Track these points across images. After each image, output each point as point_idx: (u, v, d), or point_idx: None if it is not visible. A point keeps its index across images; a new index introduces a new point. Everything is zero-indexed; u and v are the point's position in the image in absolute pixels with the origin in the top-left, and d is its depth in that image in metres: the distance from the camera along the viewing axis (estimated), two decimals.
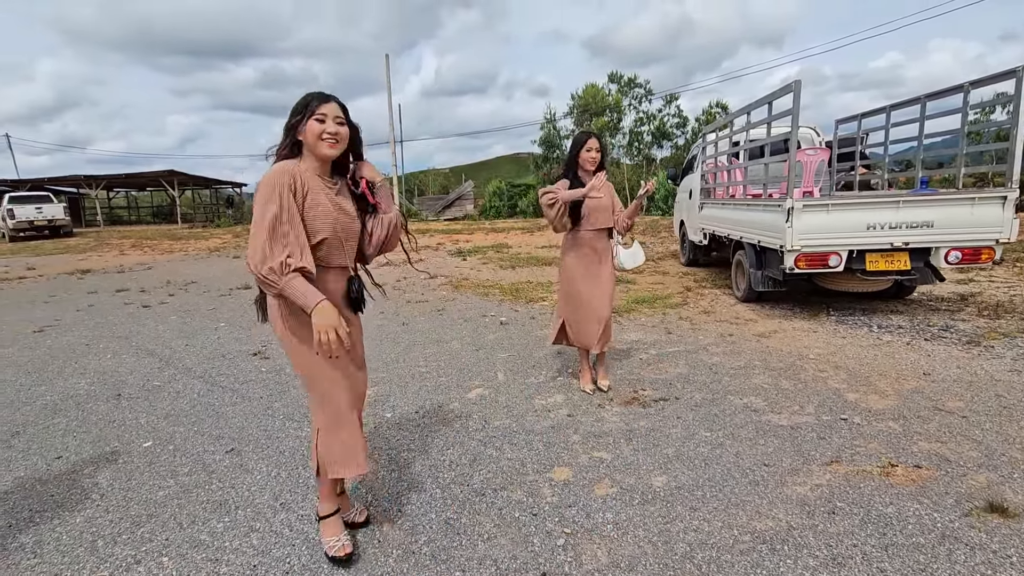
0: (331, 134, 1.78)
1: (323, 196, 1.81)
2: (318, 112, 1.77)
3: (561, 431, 2.90)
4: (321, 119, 1.77)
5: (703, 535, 2.02)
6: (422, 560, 1.93)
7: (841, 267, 4.66)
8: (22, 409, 3.45)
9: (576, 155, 3.25)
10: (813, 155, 5.98)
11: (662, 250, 10.52)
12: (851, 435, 2.76)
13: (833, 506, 2.16)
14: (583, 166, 3.24)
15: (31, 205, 19.66)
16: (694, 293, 6.38)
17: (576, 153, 3.25)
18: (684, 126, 31.59)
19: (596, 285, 3.32)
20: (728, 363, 3.90)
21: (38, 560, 1.99)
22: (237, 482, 2.48)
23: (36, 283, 9.07)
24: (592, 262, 3.31)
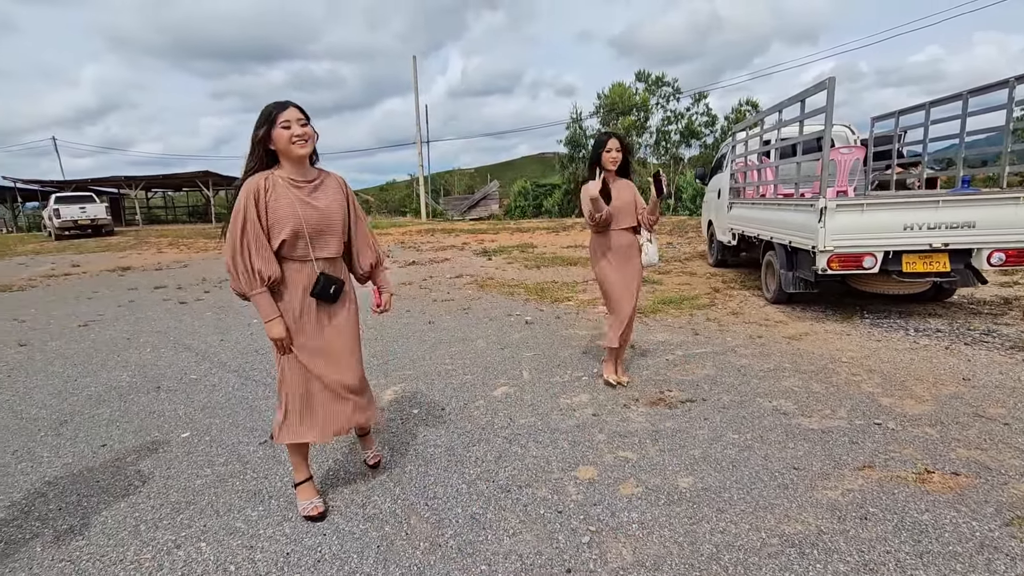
0: (299, 136, 1.96)
1: (288, 197, 1.99)
2: (282, 120, 1.95)
3: (586, 430, 2.91)
4: (287, 125, 1.95)
5: (730, 537, 2.00)
6: (448, 552, 1.96)
7: (876, 268, 4.54)
8: (69, 399, 3.61)
9: (598, 156, 3.30)
10: (847, 154, 5.83)
11: (689, 250, 10.38)
12: (885, 440, 2.69)
13: (865, 512, 2.12)
14: (605, 167, 3.29)
15: (75, 205, 20.47)
16: (722, 294, 6.29)
17: (598, 154, 3.30)
18: (713, 125, 31.06)
19: (625, 283, 3.40)
20: (757, 365, 3.84)
21: (86, 542, 2.09)
22: (270, 473, 2.56)
23: (80, 280, 9.46)
24: (621, 260, 3.39)
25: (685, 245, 11.23)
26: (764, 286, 6.05)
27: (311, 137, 2.00)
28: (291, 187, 2.01)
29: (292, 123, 1.95)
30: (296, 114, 1.97)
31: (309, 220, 2.01)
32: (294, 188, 2.02)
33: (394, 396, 3.50)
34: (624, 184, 3.40)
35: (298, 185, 2.03)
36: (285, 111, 1.96)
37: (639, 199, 3.40)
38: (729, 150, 7.79)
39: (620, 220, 3.35)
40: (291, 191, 2.01)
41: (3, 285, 8.94)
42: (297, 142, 1.96)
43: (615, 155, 3.27)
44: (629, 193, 3.37)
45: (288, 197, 1.99)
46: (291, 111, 1.96)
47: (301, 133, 1.96)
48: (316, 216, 2.03)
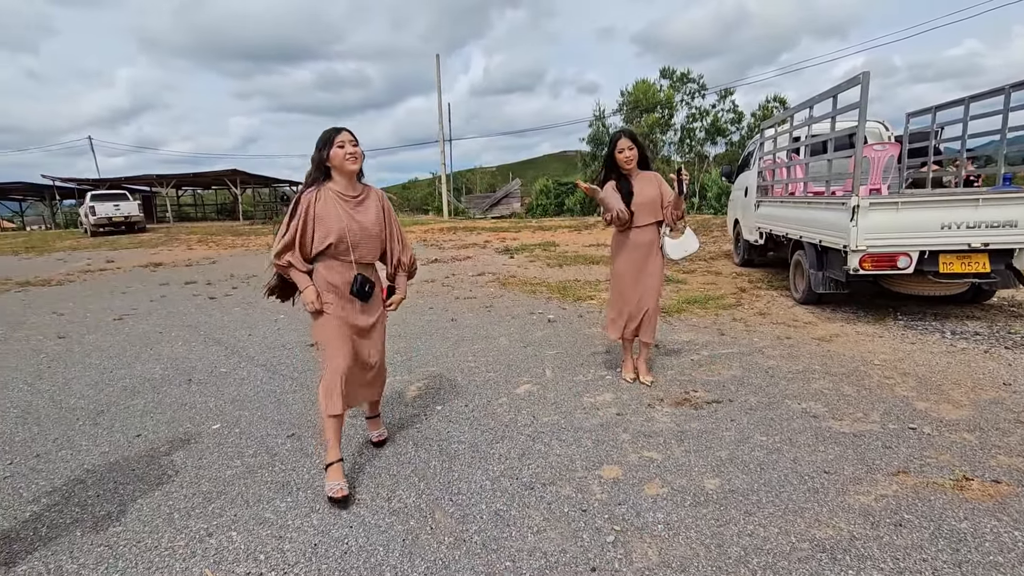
0: (351, 154, 2.37)
1: (335, 207, 2.37)
2: (338, 141, 2.36)
3: (610, 429, 2.89)
4: (341, 145, 2.36)
5: (758, 540, 1.96)
6: (473, 548, 1.97)
7: (911, 269, 4.41)
8: (105, 390, 3.73)
9: (611, 157, 3.30)
10: (881, 151, 5.67)
11: (715, 249, 10.23)
12: (920, 445, 2.61)
13: (900, 518, 2.06)
14: (621, 166, 3.28)
15: (110, 203, 21.11)
16: (749, 294, 6.18)
17: (611, 155, 3.30)
18: (739, 122, 30.53)
19: (642, 278, 3.39)
20: (785, 367, 3.76)
21: (123, 528, 2.15)
22: (298, 465, 2.61)
23: (115, 275, 9.76)
24: (641, 255, 3.38)
25: (710, 244, 11.07)
26: (792, 286, 5.93)
27: (360, 156, 2.41)
28: (340, 200, 2.39)
29: (346, 143, 2.36)
30: (348, 137, 2.39)
31: (352, 231, 2.40)
32: (342, 201, 2.40)
33: (417, 392, 3.52)
34: (647, 178, 3.35)
35: (346, 199, 2.41)
36: (340, 134, 2.37)
37: (665, 191, 3.34)
38: (757, 147, 7.64)
39: (642, 217, 3.32)
40: (340, 204, 2.39)
41: (43, 280, 9.28)
42: (349, 159, 2.36)
43: (628, 154, 3.25)
44: (653, 188, 3.32)
45: (336, 209, 2.37)
46: (345, 134, 2.38)
47: (353, 152, 2.37)
48: (357, 228, 2.41)
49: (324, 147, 2.36)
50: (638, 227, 3.34)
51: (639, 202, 3.27)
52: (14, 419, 3.27)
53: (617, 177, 3.32)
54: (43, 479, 2.55)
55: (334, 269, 2.42)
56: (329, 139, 2.36)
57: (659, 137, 29.76)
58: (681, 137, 31.00)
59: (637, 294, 3.41)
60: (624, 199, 3.27)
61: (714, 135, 30.79)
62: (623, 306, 3.47)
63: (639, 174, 3.34)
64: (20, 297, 7.61)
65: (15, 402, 3.55)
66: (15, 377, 4.06)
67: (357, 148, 2.38)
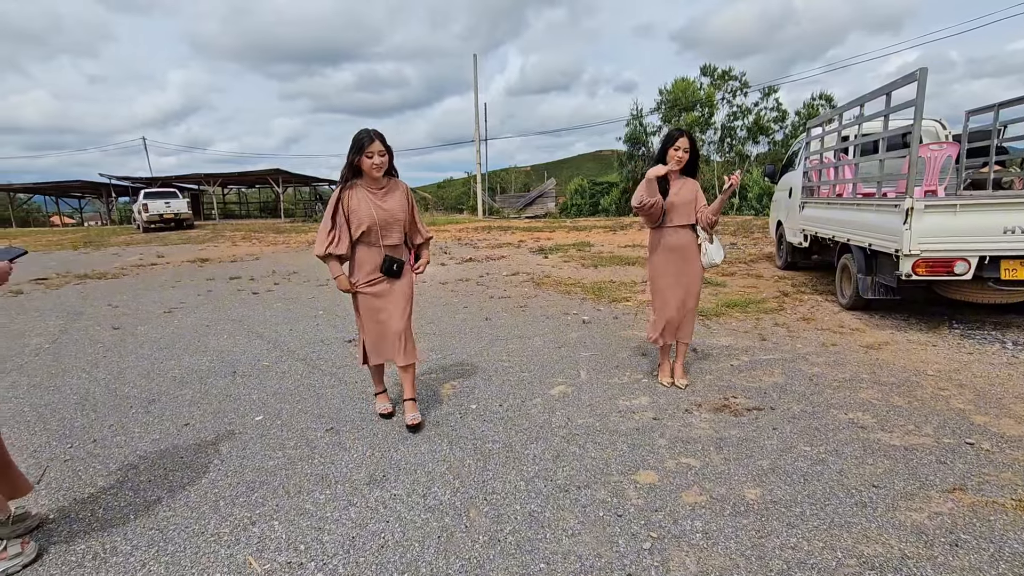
0: (376, 165, 2.76)
1: (366, 201, 2.80)
2: (367, 150, 2.72)
3: (646, 434, 2.84)
4: (370, 155, 2.73)
5: (802, 554, 1.90)
6: (507, 548, 1.97)
7: (969, 275, 4.18)
8: (156, 380, 3.90)
9: (664, 152, 3.27)
10: (938, 150, 5.39)
11: (755, 252, 9.95)
12: (978, 462, 2.47)
13: (956, 538, 1.96)
14: (670, 164, 3.24)
15: (161, 200, 22.09)
16: (792, 298, 5.99)
17: (664, 150, 3.27)
18: (783, 120, 29.61)
19: (679, 281, 3.37)
20: (831, 374, 3.63)
21: (171, 513, 2.25)
22: (336, 459, 2.66)
23: (164, 270, 10.20)
24: (676, 258, 3.36)
25: (751, 246, 10.78)
26: (839, 291, 5.71)
27: (384, 165, 2.79)
28: (368, 193, 2.83)
29: (374, 154, 2.73)
30: (379, 147, 2.73)
31: (381, 218, 2.82)
32: (370, 193, 2.83)
33: (452, 391, 3.55)
34: (686, 182, 3.35)
35: (373, 192, 2.84)
36: (371, 144, 2.71)
37: (700, 198, 3.34)
38: (803, 146, 7.39)
39: (674, 217, 3.31)
40: (369, 196, 2.82)
41: (99, 273, 9.78)
42: (373, 169, 2.76)
43: (682, 155, 3.23)
44: (690, 191, 3.32)
45: (366, 201, 2.81)
46: (375, 144, 2.72)
47: (379, 163, 2.76)
48: (384, 215, 2.84)
49: (356, 154, 2.73)
50: (672, 227, 3.33)
51: (674, 201, 3.27)
52: (73, 405, 3.45)
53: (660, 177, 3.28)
54: (99, 463, 2.69)
55: (367, 253, 2.87)
56: (361, 147, 2.72)
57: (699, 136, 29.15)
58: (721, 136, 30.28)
59: (678, 296, 3.37)
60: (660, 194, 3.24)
61: (756, 134, 29.95)
62: (664, 308, 3.43)
63: (679, 178, 3.33)
64: (79, 289, 8.04)
65: (74, 389, 3.75)
66: (75, 365, 4.28)
67: (384, 159, 2.76)
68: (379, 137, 2.74)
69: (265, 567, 1.91)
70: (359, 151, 2.72)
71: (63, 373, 4.10)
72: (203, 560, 1.95)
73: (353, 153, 2.74)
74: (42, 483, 2.50)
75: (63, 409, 3.39)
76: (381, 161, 2.75)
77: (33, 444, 2.91)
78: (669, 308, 3.40)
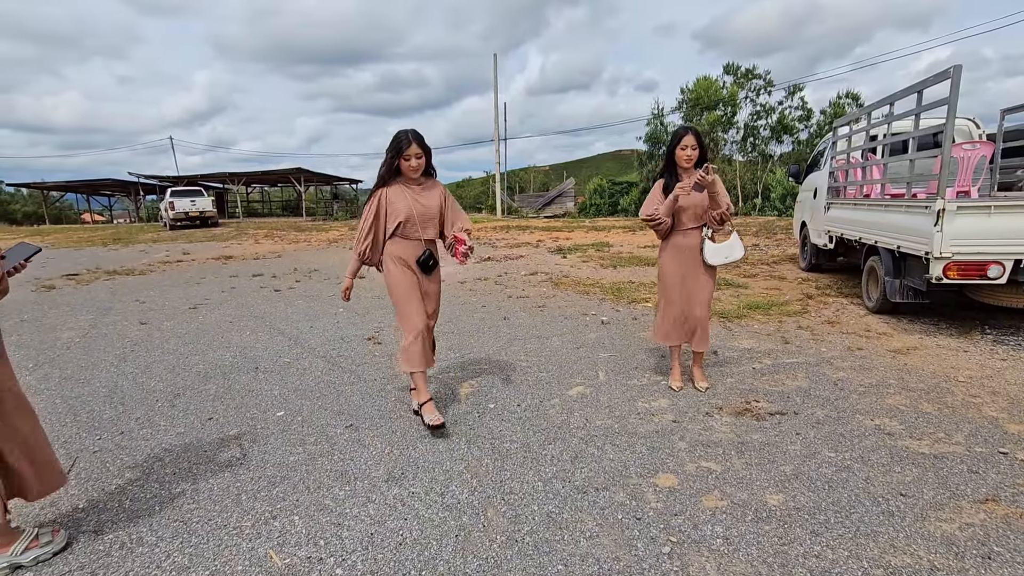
0: (413, 168, 2.85)
1: (403, 196, 2.89)
2: (405, 154, 2.81)
3: (666, 437, 2.81)
4: (407, 158, 2.82)
5: (826, 563, 1.86)
6: (525, 549, 1.97)
7: (1004, 279, 4.05)
8: (181, 375, 3.98)
9: (672, 152, 3.19)
10: (971, 150, 5.24)
11: (778, 253, 9.78)
12: (1012, 472, 2.39)
13: (988, 550, 1.89)
14: (680, 164, 3.16)
15: (187, 199, 22.58)
16: (816, 301, 5.87)
17: (672, 150, 3.19)
18: (808, 119, 29.02)
19: (689, 283, 3.29)
20: (856, 379, 3.54)
21: (195, 505, 2.29)
22: (355, 455, 2.69)
23: (190, 267, 10.42)
24: (687, 260, 3.28)
25: (773, 247, 10.60)
26: (865, 294, 5.58)
27: (422, 166, 2.88)
28: (406, 189, 2.91)
29: (411, 157, 2.82)
30: (416, 150, 2.81)
31: (418, 211, 2.90)
32: (408, 190, 2.91)
33: (470, 390, 3.56)
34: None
35: (411, 188, 2.93)
36: (409, 147, 2.80)
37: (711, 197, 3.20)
38: (829, 146, 7.24)
39: (685, 219, 3.22)
40: (407, 192, 2.91)
41: (127, 269, 10.03)
42: (411, 170, 2.86)
43: (691, 153, 3.12)
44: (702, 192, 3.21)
45: (404, 196, 2.90)
46: (413, 147, 2.80)
47: (416, 165, 2.85)
48: (422, 209, 2.92)
49: (394, 157, 2.83)
50: (681, 230, 3.25)
51: (683, 204, 3.18)
52: (102, 398, 3.54)
53: (670, 177, 3.23)
54: (127, 455, 2.75)
55: (403, 246, 2.94)
56: (399, 151, 2.81)
57: (721, 136, 28.73)
58: (744, 135, 29.79)
59: (683, 300, 3.31)
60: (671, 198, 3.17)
61: (780, 133, 29.40)
62: (669, 311, 3.38)
63: (691, 176, 3.22)
64: (108, 285, 8.25)
65: (103, 382, 3.85)
66: (103, 359, 4.40)
67: (421, 160, 2.85)
68: (417, 139, 2.81)
69: (285, 561, 1.93)
70: (398, 153, 2.81)
71: (93, 367, 4.21)
72: (225, 553, 1.98)
73: (392, 155, 2.83)
74: (72, 473, 2.56)
75: (92, 402, 3.48)
76: (418, 163, 2.85)
77: (64, 435, 2.99)
78: (674, 309, 3.35)
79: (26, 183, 37.14)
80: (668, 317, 3.38)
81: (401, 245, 2.93)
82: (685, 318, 3.34)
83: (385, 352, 4.40)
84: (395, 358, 3.04)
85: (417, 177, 2.90)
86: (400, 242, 2.93)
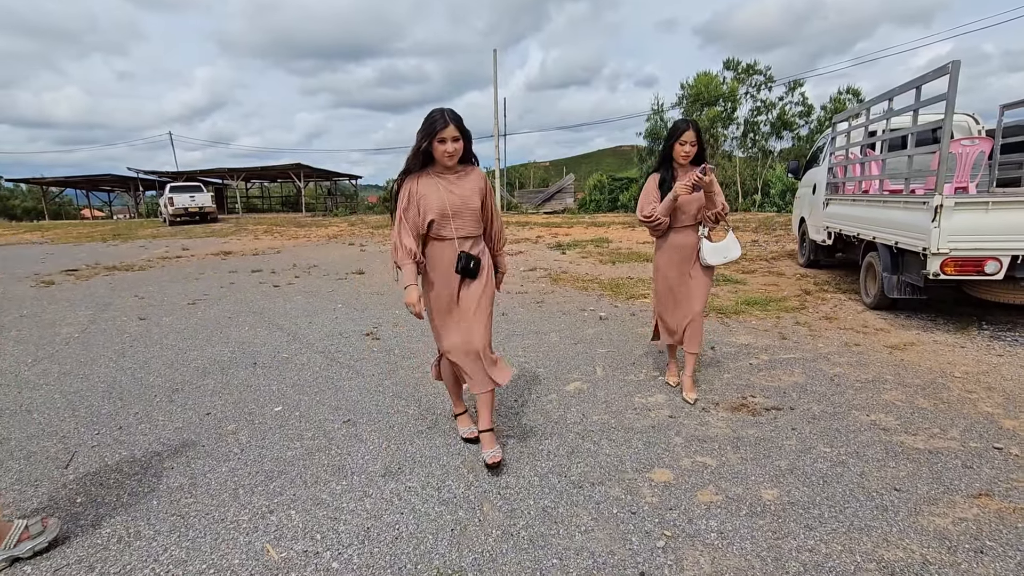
0: (450, 153, 2.32)
1: (436, 187, 2.38)
2: (439, 136, 2.28)
3: (662, 432, 2.82)
4: (443, 140, 2.29)
5: (819, 556, 1.87)
6: (520, 543, 1.98)
7: (1001, 275, 4.05)
8: (180, 370, 3.99)
9: (670, 147, 3.05)
10: (970, 146, 5.23)
11: (776, 249, 9.78)
12: (1007, 467, 2.40)
13: (981, 544, 1.90)
14: (677, 159, 3.05)
15: (186, 194, 22.53)
16: (814, 297, 5.88)
17: (670, 144, 3.05)
18: (808, 115, 28.97)
19: (684, 282, 3.20)
20: (853, 375, 3.55)
21: (193, 500, 2.30)
22: (352, 450, 2.70)
23: (189, 262, 10.42)
24: (682, 258, 3.17)
25: (772, 243, 10.60)
26: (863, 290, 5.58)
27: (459, 152, 2.36)
28: (439, 178, 2.40)
29: (448, 141, 2.30)
30: (453, 132, 2.30)
31: (452, 203, 2.38)
32: (441, 179, 2.40)
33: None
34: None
35: (445, 177, 2.41)
36: (445, 129, 2.28)
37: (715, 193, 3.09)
38: (828, 142, 7.23)
39: (681, 217, 3.10)
40: (439, 182, 2.40)
41: (127, 265, 10.03)
42: (446, 156, 2.34)
43: (690, 149, 3.00)
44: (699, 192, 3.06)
45: (436, 187, 2.38)
46: (449, 129, 2.29)
47: (452, 151, 2.32)
48: (457, 200, 2.40)
49: (426, 139, 2.30)
50: (679, 228, 3.13)
51: (680, 202, 3.04)
52: (101, 393, 3.55)
53: (667, 172, 3.10)
54: (125, 450, 2.76)
55: (439, 249, 2.43)
56: (432, 132, 2.28)
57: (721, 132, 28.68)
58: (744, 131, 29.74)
59: (678, 299, 3.22)
60: (665, 196, 3.06)
61: (780, 129, 29.36)
62: (663, 311, 3.32)
63: (688, 172, 3.08)
64: (107, 281, 8.26)
65: (102, 377, 3.86)
66: (102, 355, 4.41)
67: (458, 144, 2.33)
68: (454, 120, 2.29)
69: (282, 555, 1.94)
70: (431, 135, 2.29)
71: (91, 362, 4.22)
72: (222, 546, 2.00)
73: (423, 137, 2.31)
74: (70, 468, 2.58)
75: (91, 397, 3.49)
76: (455, 148, 2.32)
77: (63, 430, 3.00)
78: (667, 310, 3.28)
79: (25, 179, 37.14)
80: (666, 316, 3.33)
81: (434, 249, 2.45)
82: (680, 318, 3.25)
83: (383, 348, 4.41)
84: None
85: (453, 165, 2.39)
86: (434, 245, 2.44)
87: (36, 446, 2.82)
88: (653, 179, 3.14)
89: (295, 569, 1.87)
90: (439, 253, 2.43)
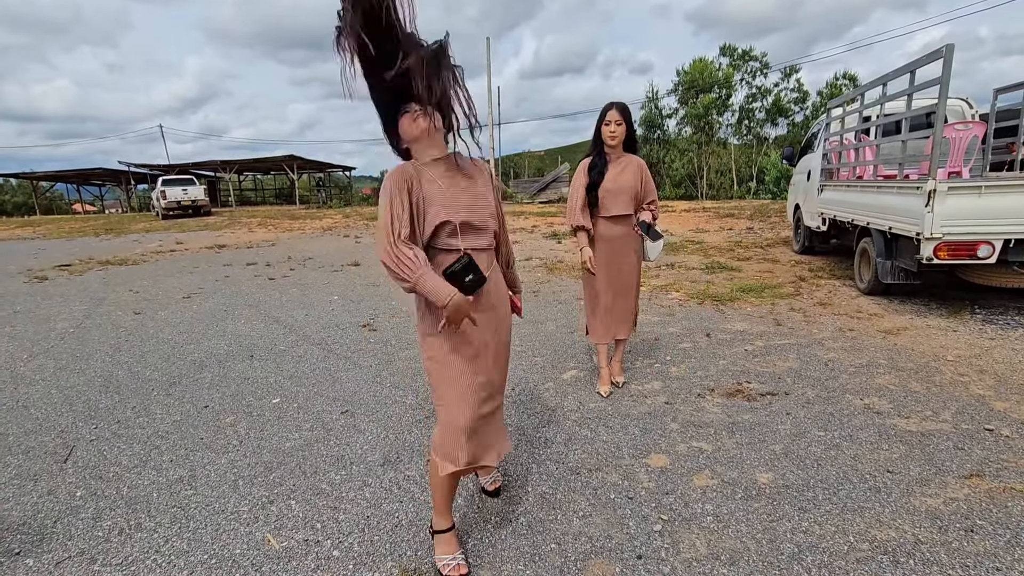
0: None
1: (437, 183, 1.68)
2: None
3: (658, 418, 2.85)
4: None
5: (813, 538, 1.90)
6: (519, 529, 2.00)
7: (993, 259, 4.08)
8: (176, 363, 3.99)
9: (598, 130, 2.93)
10: (964, 130, 5.24)
11: (771, 236, 9.81)
12: (997, 448, 2.44)
13: (971, 523, 1.94)
14: (604, 142, 2.92)
15: (178, 187, 22.32)
16: (808, 283, 5.91)
17: (598, 128, 2.93)
18: (804, 101, 28.89)
19: (611, 275, 3.05)
20: (847, 360, 3.58)
21: (193, 492, 2.31)
22: (351, 441, 2.71)
23: (183, 256, 10.36)
24: (610, 251, 3.02)
25: (767, 230, 10.63)
26: (857, 275, 5.62)
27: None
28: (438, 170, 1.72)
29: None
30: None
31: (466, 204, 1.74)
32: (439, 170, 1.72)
33: None
34: (628, 163, 2.95)
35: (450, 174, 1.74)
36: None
37: (647, 181, 2.99)
38: (822, 128, 7.23)
39: (611, 206, 2.93)
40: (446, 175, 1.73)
41: (120, 259, 9.97)
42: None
43: (614, 129, 2.86)
44: (630, 175, 2.93)
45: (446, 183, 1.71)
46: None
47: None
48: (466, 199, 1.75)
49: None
50: (606, 217, 2.97)
51: (608, 188, 2.91)
52: (98, 388, 3.55)
53: (598, 155, 2.95)
54: (123, 443, 2.77)
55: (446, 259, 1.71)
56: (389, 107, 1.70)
57: (716, 119, 28.58)
58: (739, 118, 29.65)
59: (609, 295, 3.08)
60: (593, 182, 2.93)
61: (775, 116, 29.28)
62: (594, 306, 3.14)
63: (621, 157, 2.96)
64: (101, 275, 8.21)
65: (99, 372, 3.85)
66: (98, 349, 4.40)
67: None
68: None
69: (283, 544, 1.96)
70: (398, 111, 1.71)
71: (88, 356, 4.21)
72: (223, 537, 2.01)
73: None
74: (68, 462, 2.58)
75: (88, 391, 3.49)
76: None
77: (60, 425, 3.00)
78: (599, 307, 3.11)
79: (15, 173, 36.72)
80: (599, 311, 3.12)
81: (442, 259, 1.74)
82: (616, 314, 3.12)
83: (380, 339, 4.41)
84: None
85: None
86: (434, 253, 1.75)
87: (34, 441, 2.82)
88: (583, 164, 3.00)
89: (296, 558, 1.89)
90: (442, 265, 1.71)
